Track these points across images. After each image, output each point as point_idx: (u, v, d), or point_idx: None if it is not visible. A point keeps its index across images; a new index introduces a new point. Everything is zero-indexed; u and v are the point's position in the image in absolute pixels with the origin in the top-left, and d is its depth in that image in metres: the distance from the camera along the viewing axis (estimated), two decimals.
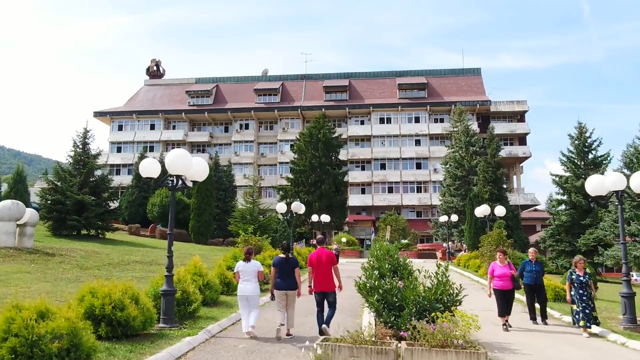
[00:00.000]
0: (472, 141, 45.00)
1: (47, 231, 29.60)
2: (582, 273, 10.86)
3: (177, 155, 8.41)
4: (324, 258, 9.33)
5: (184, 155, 8.46)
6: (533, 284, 12.08)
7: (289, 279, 9.22)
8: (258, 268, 9.32)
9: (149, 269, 19.14)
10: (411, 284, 8.41)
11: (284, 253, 9.45)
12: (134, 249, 26.95)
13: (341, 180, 48.83)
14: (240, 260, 9.59)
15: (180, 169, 8.40)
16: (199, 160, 9.02)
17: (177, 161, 8.36)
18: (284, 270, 9.23)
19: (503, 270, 11.21)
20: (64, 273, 15.53)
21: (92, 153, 32.59)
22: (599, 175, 12.10)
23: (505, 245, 19.33)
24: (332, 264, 9.38)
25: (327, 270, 9.31)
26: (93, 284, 7.57)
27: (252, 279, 9.17)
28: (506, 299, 10.99)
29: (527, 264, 12.31)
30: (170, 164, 8.43)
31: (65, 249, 22.30)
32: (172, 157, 8.41)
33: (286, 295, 9.17)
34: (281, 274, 9.23)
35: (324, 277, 9.26)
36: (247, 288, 9.10)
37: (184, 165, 8.41)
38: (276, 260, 9.38)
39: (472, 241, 29.79)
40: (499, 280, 11.14)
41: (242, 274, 9.24)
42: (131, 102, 73.68)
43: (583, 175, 31.36)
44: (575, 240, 30.28)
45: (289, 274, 9.23)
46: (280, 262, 9.28)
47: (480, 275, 21.94)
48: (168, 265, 8.60)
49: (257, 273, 9.28)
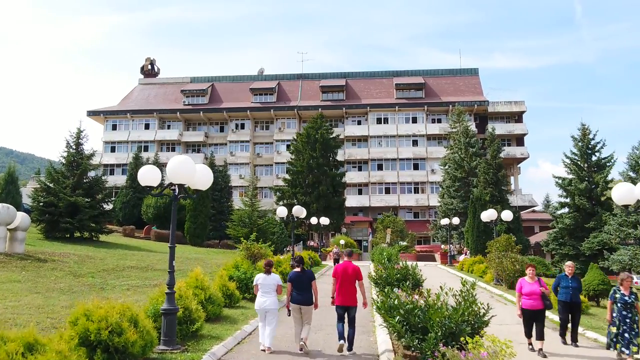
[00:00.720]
0: (472, 142, 44.44)
1: (40, 234, 28.78)
2: (627, 292, 9.44)
3: (179, 163, 7.68)
4: (350, 272, 9.22)
5: (187, 163, 7.73)
6: (569, 301, 10.69)
7: (306, 293, 9.04)
8: (277, 282, 9.18)
9: (145, 276, 18.44)
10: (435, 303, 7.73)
11: (298, 266, 9.29)
12: (129, 252, 26.20)
13: (339, 182, 48.18)
14: (259, 272, 9.50)
15: (183, 177, 7.69)
16: (202, 167, 8.30)
17: (180, 169, 7.64)
18: (300, 284, 9.06)
19: (532, 287, 10.00)
20: (56, 282, 14.80)
21: (85, 154, 31.77)
22: (628, 183, 11.42)
23: (513, 251, 18.76)
24: (358, 278, 9.25)
25: (351, 285, 9.19)
26: (88, 306, 6.87)
27: (271, 292, 9.05)
28: (535, 320, 9.85)
29: (563, 279, 10.98)
30: (171, 172, 7.71)
31: (58, 253, 21.55)
32: (174, 165, 7.68)
33: (302, 309, 9.01)
34: (297, 287, 9.06)
35: (348, 291, 9.14)
36: (267, 302, 8.97)
37: (187, 174, 7.69)
38: (292, 274, 9.21)
39: (474, 245, 29.19)
40: (527, 299, 9.95)
41: (261, 287, 9.10)
42: (125, 102, 72.75)
43: (587, 178, 30.87)
44: (579, 243, 29.75)
45: (305, 287, 9.06)
46: (295, 276, 9.14)
47: (486, 281, 21.34)
48: (169, 282, 7.92)
49: (277, 287, 9.16)
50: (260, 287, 9.11)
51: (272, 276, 9.21)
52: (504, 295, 17.22)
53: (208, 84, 72.87)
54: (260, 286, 9.11)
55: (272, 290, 9.10)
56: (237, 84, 72.79)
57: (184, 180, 7.77)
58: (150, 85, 75.65)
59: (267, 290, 9.07)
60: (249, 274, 13.23)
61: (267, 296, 9.02)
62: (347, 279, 9.16)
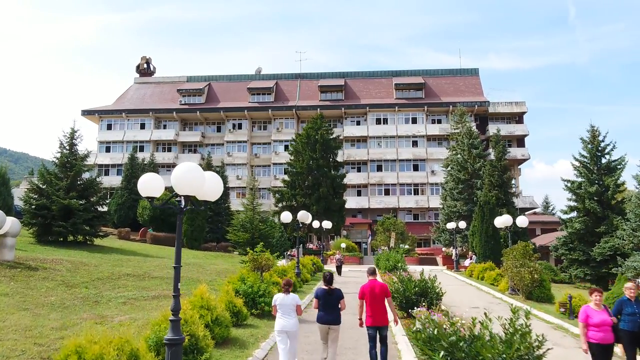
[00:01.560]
0: (475, 143, 43.51)
1: (31, 238, 27.59)
2: None
3: (186, 171, 6.63)
4: (378, 290, 8.91)
5: (195, 171, 6.68)
6: (636, 330, 8.48)
7: (333, 312, 8.61)
8: (297, 302, 8.67)
9: (142, 285, 17.40)
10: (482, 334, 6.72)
11: (326, 285, 8.86)
12: (124, 258, 25.14)
13: (339, 183, 47.16)
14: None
15: (190, 187, 6.65)
16: (211, 176, 7.25)
17: (187, 178, 6.59)
18: (327, 302, 8.64)
19: (602, 316, 8.26)
20: (47, 294, 13.73)
21: (79, 155, 30.61)
22: None
23: (532, 260, 17.81)
24: (386, 296, 8.98)
25: (381, 304, 8.89)
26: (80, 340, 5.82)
27: (291, 313, 8.54)
28: (607, 357, 8.24)
29: (626, 304, 8.74)
30: (177, 182, 6.66)
31: (50, 260, 20.45)
32: (180, 174, 6.62)
33: (330, 329, 8.57)
34: (324, 306, 8.64)
35: (379, 310, 8.83)
36: (287, 323, 8.45)
37: (195, 184, 6.65)
38: (319, 291, 8.80)
39: (482, 250, 28.23)
40: (597, 331, 8.19)
41: (280, 308, 8.56)
42: (120, 101, 71.52)
43: (597, 181, 29.98)
44: (590, 249, 28.83)
45: (333, 306, 8.63)
46: (323, 294, 8.71)
47: (500, 290, 20.37)
48: (174, 308, 6.87)
49: (297, 307, 8.64)
50: (279, 307, 8.54)
51: (291, 296, 8.66)
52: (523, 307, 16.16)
53: (205, 83, 71.75)
54: (279, 307, 8.55)
55: (292, 310, 8.55)
56: (235, 84, 71.72)
57: (191, 191, 6.72)
58: (146, 84, 74.46)
59: (287, 311, 8.52)
60: (255, 287, 12.20)
61: (288, 317, 8.48)
62: (375, 298, 8.84)
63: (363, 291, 8.98)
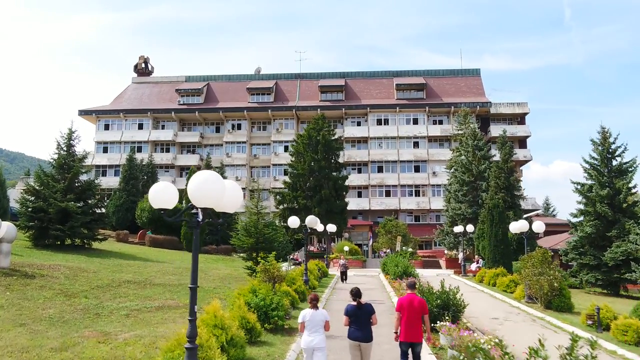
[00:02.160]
0: (480, 145, 42.81)
1: (28, 241, 26.72)
2: None
3: (205, 181, 5.84)
4: (416, 305, 8.66)
5: (214, 181, 5.90)
6: None
7: (364, 329, 8.22)
8: (325, 318, 8.33)
9: (144, 294, 16.62)
10: None
11: (354, 300, 8.41)
12: (124, 263, 24.35)
13: (341, 185, 46.39)
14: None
15: (209, 199, 5.87)
16: (231, 185, 6.48)
17: (205, 189, 5.79)
18: (357, 318, 8.27)
19: None
20: (45, 306, 12.95)
21: (77, 156, 29.80)
22: None
23: (551, 267, 17.07)
24: (424, 312, 8.70)
25: (417, 319, 8.62)
26: None
27: (319, 330, 8.21)
28: None
29: None
30: (195, 193, 5.88)
31: (47, 266, 19.68)
32: (197, 184, 5.84)
33: (361, 347, 8.19)
34: (355, 322, 8.27)
35: (414, 326, 8.56)
36: (315, 340, 8.13)
37: (215, 195, 5.86)
38: (349, 308, 8.39)
39: (492, 254, 27.49)
40: None
41: (307, 324, 8.22)
42: (118, 101, 70.60)
43: (608, 184, 29.29)
44: (601, 253, 28.11)
45: (364, 322, 8.25)
46: (352, 310, 8.33)
47: (515, 298, 19.63)
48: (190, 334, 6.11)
49: (325, 323, 8.29)
50: (307, 324, 8.21)
51: (320, 312, 8.36)
52: (545, 318, 15.45)
53: (203, 83, 70.89)
54: (307, 323, 8.21)
55: (320, 327, 8.21)
56: (234, 84, 70.90)
57: (210, 203, 5.96)
58: (144, 84, 73.55)
59: (314, 328, 8.17)
60: (268, 300, 11.42)
61: (315, 334, 8.14)
62: (413, 313, 8.59)
63: (401, 304, 8.73)
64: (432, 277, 28.79)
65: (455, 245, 44.21)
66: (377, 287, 24.42)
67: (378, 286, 24.69)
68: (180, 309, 14.14)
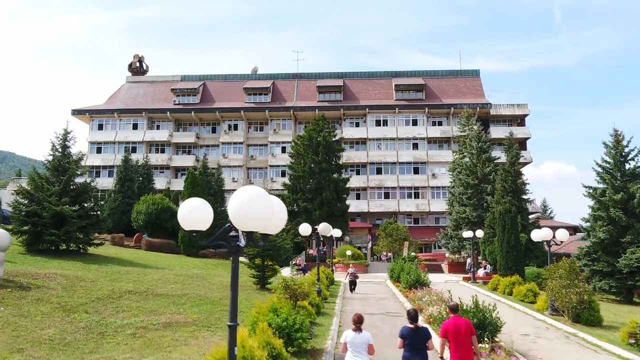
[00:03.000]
0: (485, 147, 41.97)
1: (21, 246, 25.49)
2: None
3: (252, 199, 4.76)
4: (464, 329, 8.37)
5: (262, 199, 4.88)
6: None
7: (421, 353, 7.98)
8: (369, 341, 7.98)
9: (147, 307, 15.55)
10: None
11: (411, 322, 8.18)
12: (122, 269, 23.25)
13: (343, 187, 45.41)
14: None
15: (256, 222, 4.85)
16: (279, 202, 5.45)
17: (253, 209, 4.71)
18: (413, 343, 8.02)
19: None
20: (43, 324, 11.86)
21: (73, 158, 28.61)
22: None
23: (579, 279, 16.17)
24: (472, 333, 8.45)
25: (466, 342, 8.34)
26: None
27: (362, 352, 7.90)
28: None
29: None
30: (239, 214, 4.76)
31: (43, 275, 18.58)
32: (241, 203, 4.69)
33: None
34: (411, 347, 8.02)
35: (465, 351, 8.27)
36: None
37: (264, 216, 4.85)
38: (404, 331, 8.17)
39: (504, 261, 26.59)
40: None
41: (350, 346, 7.92)
42: (112, 100, 69.26)
43: (621, 188, 28.48)
44: (615, 260, 27.32)
45: (420, 347, 7.99)
46: (408, 333, 8.09)
47: (537, 309, 18.69)
48: None
49: (369, 346, 7.94)
50: (349, 346, 7.92)
51: (364, 334, 7.98)
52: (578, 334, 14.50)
53: (199, 82, 69.70)
54: (349, 345, 7.92)
55: (364, 350, 7.89)
56: (230, 83, 69.77)
57: (258, 226, 4.94)
58: (138, 83, 72.25)
59: (358, 351, 7.87)
60: (290, 320, 10.40)
61: (359, 357, 7.87)
62: (461, 337, 8.32)
63: (446, 329, 8.45)
64: (441, 284, 27.81)
65: (459, 249, 43.35)
66: (388, 295, 23.42)
67: (389, 295, 23.70)
68: (190, 327, 13.10)
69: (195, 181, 39.75)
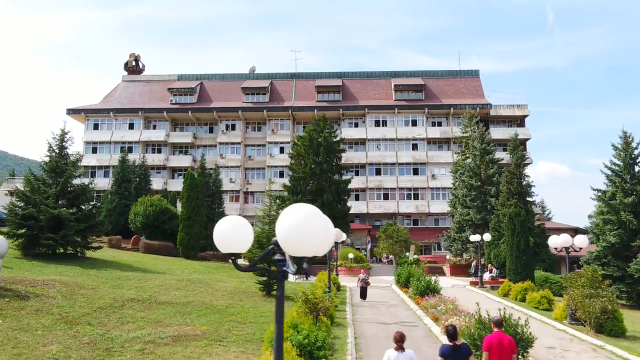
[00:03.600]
0: (489, 148, 41.39)
1: (17, 250, 24.67)
2: None
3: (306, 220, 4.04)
4: (506, 344, 8.28)
5: (317, 219, 4.20)
6: None
7: None
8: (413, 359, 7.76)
9: (152, 317, 14.86)
10: None
11: (451, 340, 7.89)
12: (122, 275, 22.53)
13: (344, 189, 44.66)
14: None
15: (310, 246, 4.16)
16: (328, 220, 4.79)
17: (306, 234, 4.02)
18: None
19: None
20: (45, 340, 11.14)
21: (70, 159, 27.84)
22: None
23: (602, 288, 15.57)
24: (513, 352, 8.31)
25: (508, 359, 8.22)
26: None
27: None
28: None
29: None
30: (290, 237, 4.03)
31: (41, 282, 17.84)
32: (295, 225, 4.05)
33: None
34: None
35: None
36: None
37: (318, 240, 4.14)
38: (444, 349, 7.95)
39: (514, 266, 25.96)
40: None
41: None
42: (108, 99, 68.29)
43: (631, 191, 27.96)
44: (626, 264, 26.79)
45: None
46: (448, 351, 7.84)
47: (555, 318, 18.07)
48: None
49: None
50: None
51: (407, 353, 7.74)
52: (604, 346, 13.86)
53: (197, 82, 68.81)
54: None
55: None
56: (228, 83, 68.93)
57: (310, 250, 4.24)
58: (134, 82, 71.29)
59: None
60: (312, 337, 9.74)
61: None
62: (504, 352, 8.19)
63: (490, 343, 8.35)
64: (448, 289, 27.20)
65: (462, 251, 42.78)
66: (398, 302, 22.73)
67: (398, 302, 23.00)
68: (200, 340, 12.40)
69: (194, 183, 39.06)
